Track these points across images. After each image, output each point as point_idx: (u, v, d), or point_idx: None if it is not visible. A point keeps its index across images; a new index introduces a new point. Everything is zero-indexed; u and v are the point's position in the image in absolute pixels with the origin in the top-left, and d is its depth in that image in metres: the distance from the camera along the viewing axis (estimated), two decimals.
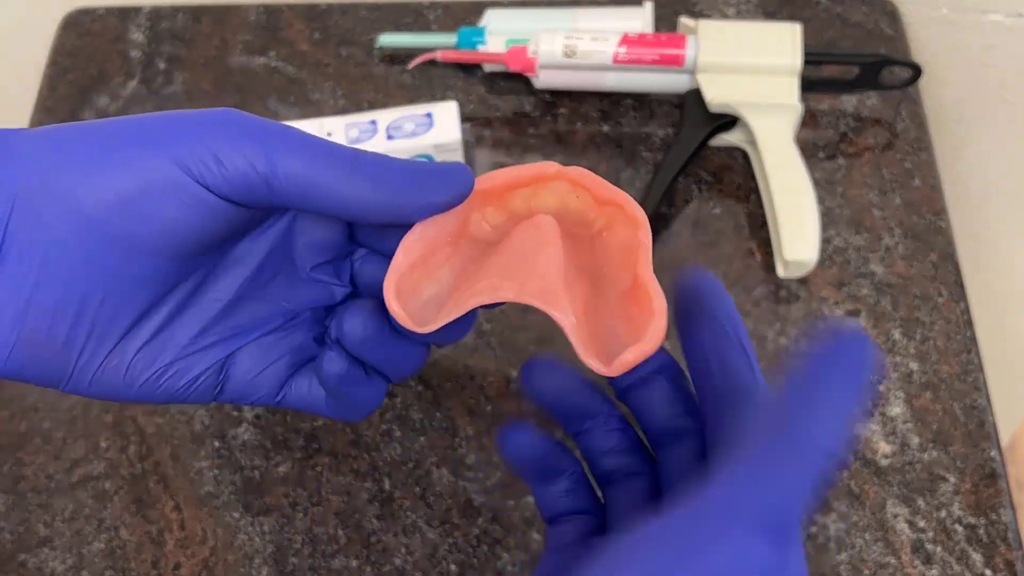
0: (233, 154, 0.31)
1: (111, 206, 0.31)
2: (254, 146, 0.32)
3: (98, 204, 0.30)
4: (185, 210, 0.32)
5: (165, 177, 0.31)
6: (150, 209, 0.31)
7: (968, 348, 0.57)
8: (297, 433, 0.55)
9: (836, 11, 0.71)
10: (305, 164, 0.32)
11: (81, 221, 0.30)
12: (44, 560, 0.52)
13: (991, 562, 0.51)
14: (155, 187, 0.31)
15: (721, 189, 0.64)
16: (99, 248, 0.31)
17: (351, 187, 0.32)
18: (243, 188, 0.32)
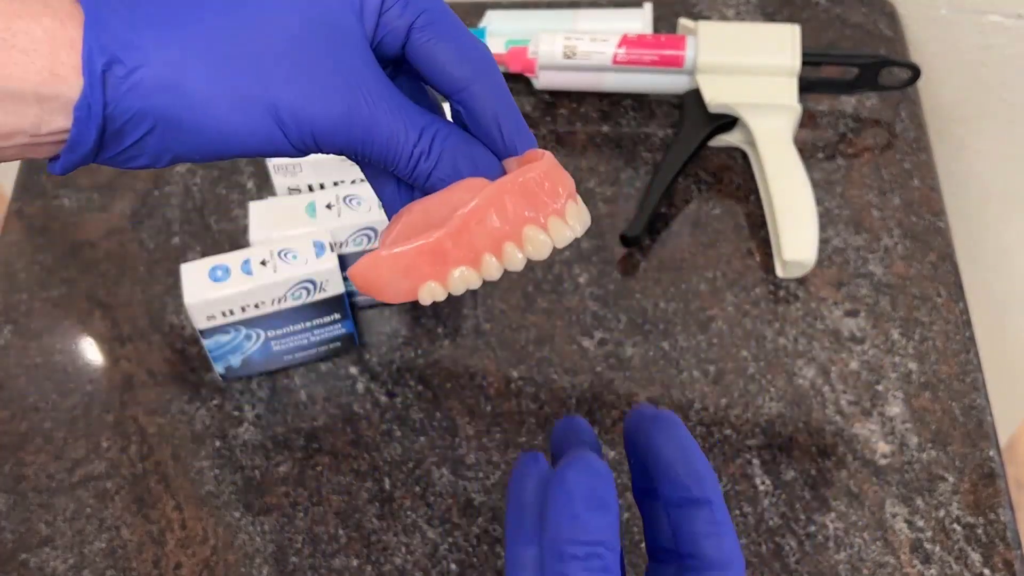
0: (328, 140, 0.36)
1: (230, 149, 0.36)
2: (346, 137, 0.36)
3: (222, 146, 0.36)
4: (270, 154, 0.37)
5: (273, 142, 0.35)
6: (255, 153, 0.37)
7: (967, 348, 0.57)
8: (298, 433, 0.56)
9: (835, 12, 0.72)
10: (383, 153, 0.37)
11: (205, 148, 0.36)
12: (45, 560, 0.52)
13: (990, 561, 0.51)
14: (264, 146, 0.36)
15: (720, 189, 0.64)
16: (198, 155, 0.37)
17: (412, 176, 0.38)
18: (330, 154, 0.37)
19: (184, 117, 0.34)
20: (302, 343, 0.56)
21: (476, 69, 0.37)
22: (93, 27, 0.33)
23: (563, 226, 0.36)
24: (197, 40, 0.35)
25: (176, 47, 0.34)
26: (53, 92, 0.33)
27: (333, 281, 0.53)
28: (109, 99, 0.33)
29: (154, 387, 0.57)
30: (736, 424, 0.55)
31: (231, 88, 0.34)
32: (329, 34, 0.35)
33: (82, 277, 0.62)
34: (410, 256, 0.35)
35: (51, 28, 0.33)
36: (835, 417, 0.55)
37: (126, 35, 0.34)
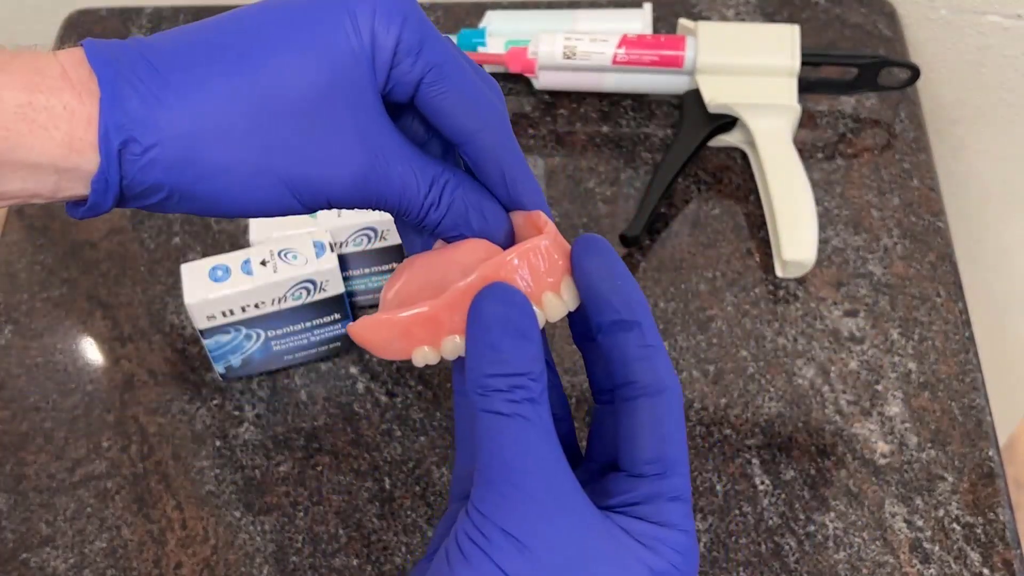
0: (342, 200, 0.36)
1: (238, 214, 0.37)
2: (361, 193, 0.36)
3: (237, 214, 0.37)
4: (284, 214, 0.37)
5: (287, 209, 0.36)
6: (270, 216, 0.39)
7: (966, 348, 0.57)
8: (298, 433, 0.56)
9: (835, 12, 0.72)
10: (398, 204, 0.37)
11: (210, 211, 0.37)
12: (46, 559, 0.52)
13: (989, 561, 0.51)
14: (271, 210, 0.37)
15: (720, 190, 0.64)
16: (216, 215, 0.38)
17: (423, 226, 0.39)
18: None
19: (198, 190, 0.35)
20: (302, 343, 0.56)
21: (483, 121, 0.38)
22: (110, 107, 0.34)
23: (558, 302, 0.36)
24: (212, 114, 0.35)
25: (191, 123, 0.35)
26: (71, 165, 0.34)
27: (333, 281, 0.53)
28: (125, 174, 0.34)
29: (154, 387, 0.57)
30: (736, 424, 0.55)
31: (245, 162, 0.35)
32: (343, 96, 0.36)
33: (83, 277, 0.62)
34: (406, 322, 0.36)
35: (71, 104, 0.34)
36: (834, 417, 0.55)
37: (142, 113, 0.34)
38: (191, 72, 0.35)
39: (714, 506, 0.53)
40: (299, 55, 0.35)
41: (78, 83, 0.34)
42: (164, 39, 0.36)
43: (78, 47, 0.35)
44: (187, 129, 0.35)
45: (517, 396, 0.33)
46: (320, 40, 0.35)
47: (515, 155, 0.39)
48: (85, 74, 0.34)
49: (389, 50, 0.36)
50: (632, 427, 0.35)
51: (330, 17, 0.36)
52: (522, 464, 0.32)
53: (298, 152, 0.35)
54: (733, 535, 0.52)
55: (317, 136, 0.35)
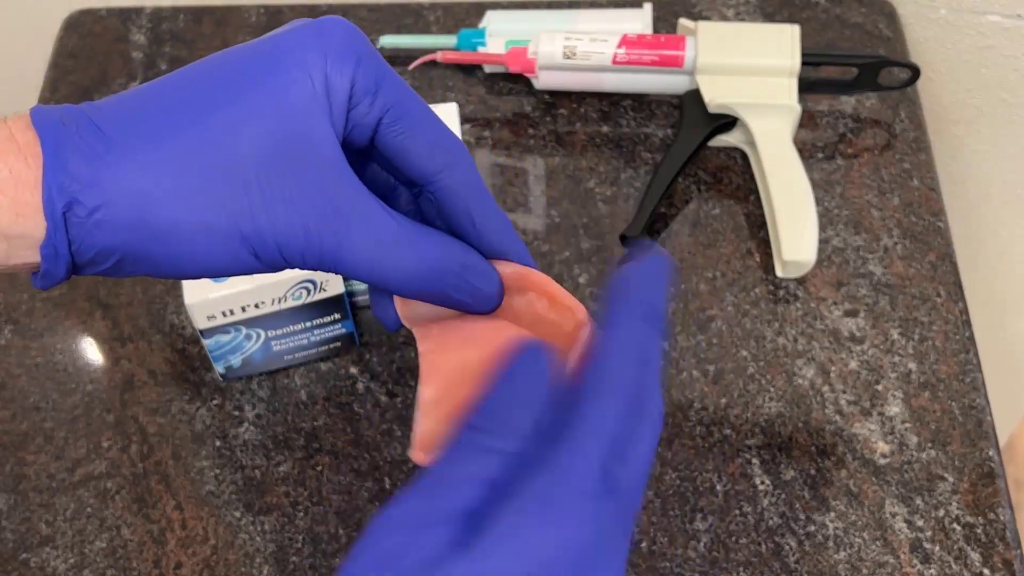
0: (299, 258, 0.35)
1: (195, 274, 0.36)
2: (319, 251, 0.35)
3: (191, 275, 0.36)
4: (243, 273, 0.36)
5: (243, 266, 0.35)
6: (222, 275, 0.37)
7: (966, 348, 0.58)
8: (298, 433, 0.56)
9: (835, 12, 0.72)
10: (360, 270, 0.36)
11: (166, 273, 0.36)
12: (46, 559, 0.52)
13: (989, 561, 0.51)
14: (228, 268, 0.35)
15: (720, 189, 0.64)
16: (173, 276, 0.37)
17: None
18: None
19: (152, 249, 0.34)
20: (302, 343, 0.56)
21: (446, 161, 0.37)
22: (53, 169, 0.33)
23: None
24: (159, 172, 0.34)
25: (138, 182, 0.33)
26: (19, 231, 0.33)
27: (333, 281, 0.53)
28: (72, 238, 0.33)
29: (155, 387, 0.57)
30: (735, 424, 0.55)
31: (196, 219, 0.34)
32: (298, 150, 0.34)
33: (83, 277, 0.62)
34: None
35: (16, 168, 0.33)
36: (834, 417, 0.55)
37: (86, 174, 0.33)
38: (138, 130, 0.34)
39: (714, 506, 0.53)
40: (250, 108, 0.34)
41: (24, 147, 0.33)
42: (114, 100, 0.35)
43: (26, 113, 0.34)
44: (134, 188, 0.33)
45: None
46: (272, 92, 0.34)
47: (482, 194, 0.37)
48: (31, 137, 0.33)
49: (344, 93, 0.35)
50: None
51: (281, 68, 0.34)
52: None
53: (250, 212, 0.34)
54: (733, 535, 0.52)
55: (271, 194, 0.34)
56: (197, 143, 0.34)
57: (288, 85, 0.34)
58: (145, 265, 0.35)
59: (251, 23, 0.72)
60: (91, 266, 0.35)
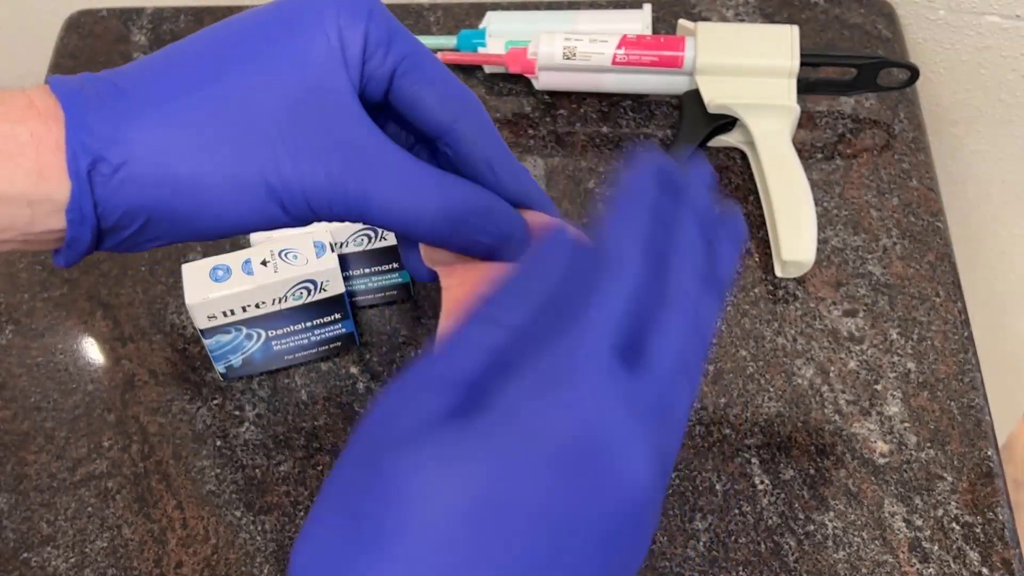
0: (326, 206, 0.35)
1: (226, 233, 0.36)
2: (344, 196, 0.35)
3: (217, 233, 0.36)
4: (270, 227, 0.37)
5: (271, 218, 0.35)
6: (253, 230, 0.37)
7: (965, 348, 0.58)
8: (298, 432, 0.56)
9: (834, 13, 0.72)
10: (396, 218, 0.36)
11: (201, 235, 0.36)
12: (47, 559, 0.52)
13: (988, 560, 0.51)
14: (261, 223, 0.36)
15: (720, 189, 0.64)
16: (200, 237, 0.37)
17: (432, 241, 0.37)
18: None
19: (177, 205, 0.34)
20: (303, 343, 0.56)
21: (461, 110, 0.37)
22: (75, 127, 0.33)
23: None
24: (181, 125, 0.34)
25: (161, 136, 0.34)
26: (43, 195, 0.33)
27: (333, 281, 0.54)
28: (99, 199, 0.33)
29: (155, 386, 0.57)
30: (735, 423, 0.55)
31: (221, 170, 0.34)
32: (318, 100, 0.35)
33: (83, 277, 0.62)
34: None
35: (37, 131, 0.33)
36: (834, 416, 0.55)
37: (109, 132, 0.33)
38: (159, 88, 0.34)
39: (714, 506, 0.53)
40: (269, 63, 0.34)
41: (44, 111, 0.33)
42: (133, 64, 0.35)
43: (44, 84, 0.34)
44: (158, 143, 0.34)
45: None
46: (288, 47, 0.35)
47: (497, 141, 0.38)
48: (51, 103, 0.33)
49: (359, 45, 0.35)
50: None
51: (296, 24, 0.35)
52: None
53: (273, 159, 0.34)
54: (733, 535, 0.52)
55: (292, 142, 0.34)
56: (218, 97, 0.34)
57: (304, 40, 0.35)
58: (172, 225, 0.35)
59: None
60: (116, 232, 0.34)
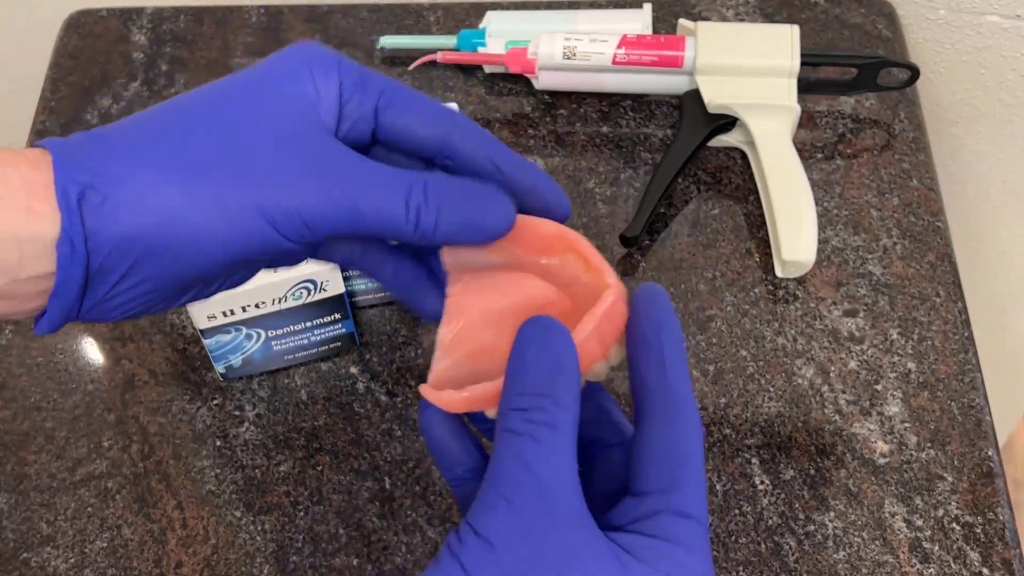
0: (320, 219, 0.35)
1: (222, 265, 0.35)
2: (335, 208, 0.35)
3: (213, 264, 0.35)
4: (278, 258, 0.37)
5: (266, 241, 0.35)
6: (251, 262, 0.37)
7: (965, 348, 0.58)
8: (298, 432, 0.56)
9: (834, 13, 0.72)
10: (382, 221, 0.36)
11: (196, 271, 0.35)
12: (47, 559, 0.52)
13: (988, 560, 0.51)
14: (261, 253, 0.36)
15: (720, 190, 0.64)
16: (205, 279, 0.36)
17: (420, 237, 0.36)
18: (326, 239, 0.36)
19: (169, 235, 0.34)
20: (302, 343, 0.56)
21: (449, 123, 0.38)
22: (63, 165, 0.33)
23: (605, 365, 0.36)
24: (168, 158, 0.35)
25: (150, 167, 0.34)
26: (32, 233, 0.33)
27: (333, 281, 0.54)
28: (89, 230, 0.33)
29: (155, 386, 0.57)
30: (735, 423, 0.55)
31: (212, 196, 0.34)
32: (297, 133, 0.36)
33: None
34: (475, 400, 0.35)
35: (26, 173, 0.33)
36: (834, 416, 0.55)
37: (97, 166, 0.34)
38: (142, 130, 0.35)
39: (714, 505, 0.53)
40: (250, 111, 0.36)
41: (33, 159, 0.34)
42: (115, 122, 0.36)
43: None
44: (146, 174, 0.34)
45: (535, 417, 0.32)
46: (267, 98, 0.36)
47: (493, 140, 0.38)
48: (39, 152, 0.34)
49: (333, 94, 0.37)
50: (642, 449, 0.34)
51: (272, 82, 0.37)
52: (518, 478, 0.31)
53: (262, 184, 0.35)
54: (733, 535, 0.52)
55: (278, 167, 0.35)
56: (203, 136, 0.35)
57: (282, 92, 0.36)
58: (165, 261, 0.34)
59: (251, 23, 0.73)
60: (105, 276, 0.34)
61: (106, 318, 0.36)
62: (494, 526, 0.31)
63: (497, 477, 0.32)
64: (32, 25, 0.79)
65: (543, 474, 0.31)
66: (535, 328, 0.33)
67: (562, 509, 0.31)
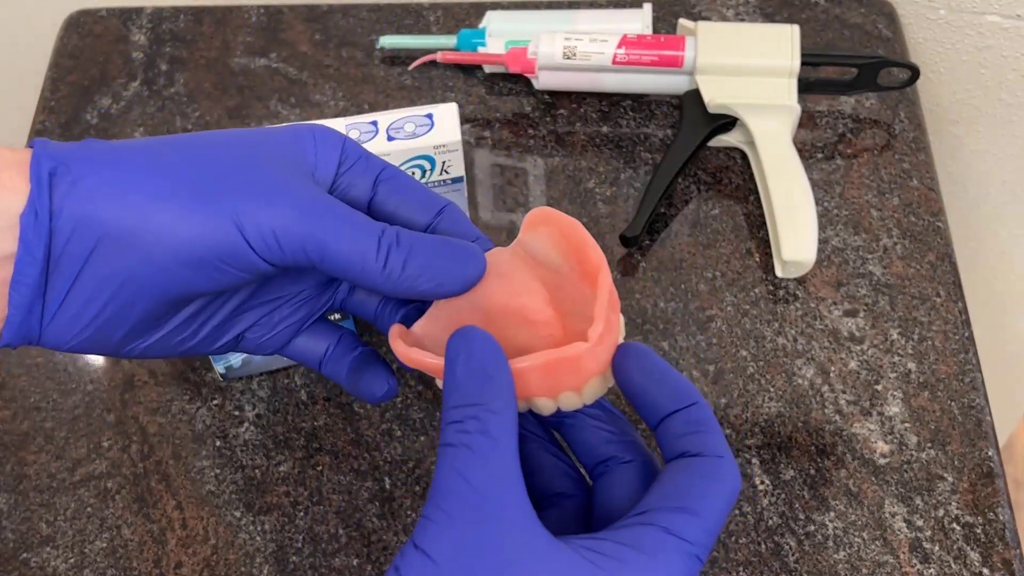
0: (289, 236, 0.35)
1: (185, 265, 0.35)
2: (309, 230, 0.35)
3: (175, 263, 0.35)
4: (240, 272, 0.36)
5: (233, 249, 0.35)
6: (215, 271, 0.35)
7: (966, 348, 0.58)
8: (298, 432, 0.56)
9: (834, 12, 0.72)
10: (350, 255, 0.36)
11: (157, 271, 0.35)
12: (47, 559, 0.52)
13: (988, 561, 0.51)
14: (224, 256, 0.35)
15: (720, 190, 0.64)
16: (164, 288, 0.36)
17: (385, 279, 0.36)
18: (292, 263, 0.36)
19: (135, 222, 0.34)
20: None
21: (440, 205, 0.40)
22: (43, 147, 0.34)
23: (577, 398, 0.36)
24: (146, 156, 0.35)
25: (126, 160, 0.34)
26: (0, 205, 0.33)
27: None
28: (55, 208, 0.33)
29: (155, 387, 0.57)
30: (735, 423, 0.55)
31: (187, 194, 0.34)
32: (286, 169, 0.36)
33: None
34: (417, 363, 0.37)
35: (3, 154, 0.34)
36: (834, 417, 0.55)
37: (77, 152, 0.34)
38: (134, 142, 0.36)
39: None
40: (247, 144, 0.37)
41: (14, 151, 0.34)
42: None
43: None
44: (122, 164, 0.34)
45: (469, 427, 0.32)
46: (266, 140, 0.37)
47: (480, 233, 0.40)
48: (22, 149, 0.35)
49: (333, 160, 0.38)
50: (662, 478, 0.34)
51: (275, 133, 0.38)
52: (455, 489, 0.31)
53: (238, 190, 0.35)
54: (733, 535, 0.52)
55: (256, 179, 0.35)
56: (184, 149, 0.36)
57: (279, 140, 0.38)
58: (126, 251, 0.34)
59: (251, 23, 0.73)
60: (68, 260, 0.34)
61: (66, 337, 0.36)
62: (435, 541, 0.31)
63: (435, 491, 0.32)
64: (32, 25, 0.79)
65: (479, 483, 0.31)
66: (461, 340, 0.34)
67: (501, 515, 0.31)
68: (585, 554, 0.31)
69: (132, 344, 0.38)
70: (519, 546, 0.31)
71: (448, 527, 0.31)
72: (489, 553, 0.30)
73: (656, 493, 0.33)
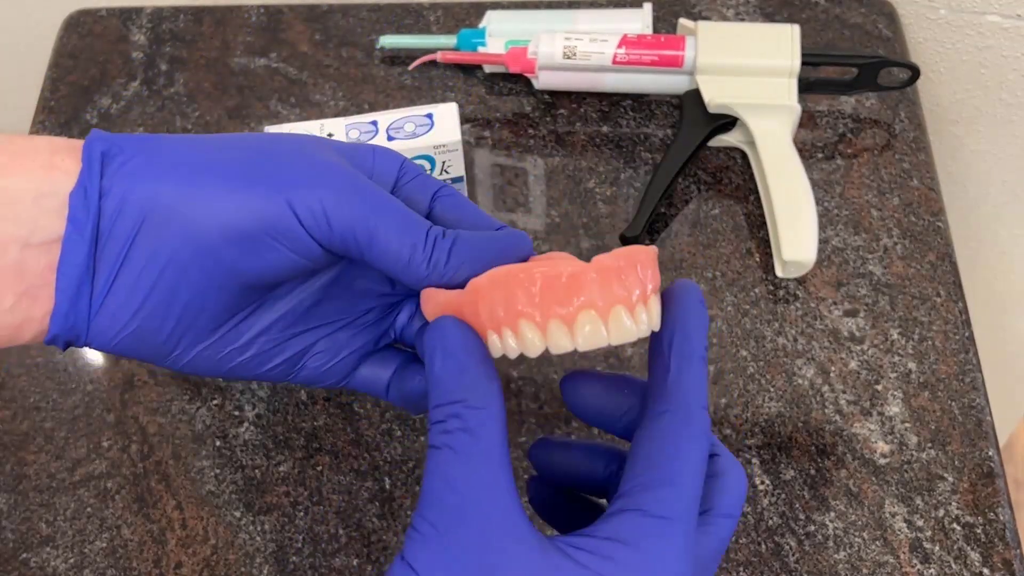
0: (341, 215, 0.35)
1: (231, 241, 0.34)
2: (362, 213, 0.35)
3: (221, 238, 0.34)
4: (290, 253, 0.35)
5: (281, 223, 0.34)
6: (262, 249, 0.35)
7: (966, 348, 0.58)
8: (298, 432, 0.56)
9: (835, 12, 0.72)
10: (400, 243, 0.35)
11: (202, 248, 0.34)
12: (46, 559, 0.52)
13: (989, 561, 0.51)
14: (271, 230, 0.34)
15: (720, 189, 0.64)
16: (211, 270, 0.35)
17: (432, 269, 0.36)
18: (341, 247, 0.36)
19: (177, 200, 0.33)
20: None
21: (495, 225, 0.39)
22: (99, 132, 0.35)
23: (642, 317, 0.36)
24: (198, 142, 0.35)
25: (181, 144, 0.35)
26: (50, 187, 0.33)
27: None
28: (104, 187, 0.33)
29: (155, 387, 0.57)
30: (735, 424, 0.55)
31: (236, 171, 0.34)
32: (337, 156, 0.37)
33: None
34: (441, 305, 0.36)
35: (56, 142, 0.34)
36: (834, 417, 0.55)
37: (129, 138, 0.35)
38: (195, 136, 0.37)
39: None
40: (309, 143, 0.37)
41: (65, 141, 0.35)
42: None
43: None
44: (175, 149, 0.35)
45: (450, 426, 0.31)
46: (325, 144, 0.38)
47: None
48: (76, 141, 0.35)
49: (392, 172, 0.38)
50: (632, 449, 0.33)
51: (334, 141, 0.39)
52: (439, 495, 0.31)
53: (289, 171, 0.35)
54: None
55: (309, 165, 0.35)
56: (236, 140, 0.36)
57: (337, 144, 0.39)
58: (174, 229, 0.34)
59: (251, 23, 0.73)
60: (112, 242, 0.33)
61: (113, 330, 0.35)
62: (420, 553, 0.30)
63: (421, 499, 0.31)
64: (32, 25, 0.79)
65: (462, 487, 0.31)
66: (436, 332, 0.33)
67: (484, 522, 0.31)
68: (572, 553, 0.31)
69: (180, 348, 0.37)
70: (503, 553, 0.30)
71: (432, 538, 0.30)
72: (472, 564, 0.30)
73: (630, 469, 0.33)
